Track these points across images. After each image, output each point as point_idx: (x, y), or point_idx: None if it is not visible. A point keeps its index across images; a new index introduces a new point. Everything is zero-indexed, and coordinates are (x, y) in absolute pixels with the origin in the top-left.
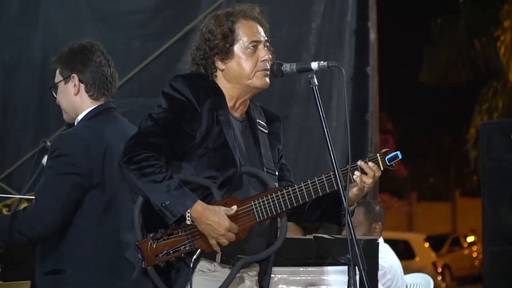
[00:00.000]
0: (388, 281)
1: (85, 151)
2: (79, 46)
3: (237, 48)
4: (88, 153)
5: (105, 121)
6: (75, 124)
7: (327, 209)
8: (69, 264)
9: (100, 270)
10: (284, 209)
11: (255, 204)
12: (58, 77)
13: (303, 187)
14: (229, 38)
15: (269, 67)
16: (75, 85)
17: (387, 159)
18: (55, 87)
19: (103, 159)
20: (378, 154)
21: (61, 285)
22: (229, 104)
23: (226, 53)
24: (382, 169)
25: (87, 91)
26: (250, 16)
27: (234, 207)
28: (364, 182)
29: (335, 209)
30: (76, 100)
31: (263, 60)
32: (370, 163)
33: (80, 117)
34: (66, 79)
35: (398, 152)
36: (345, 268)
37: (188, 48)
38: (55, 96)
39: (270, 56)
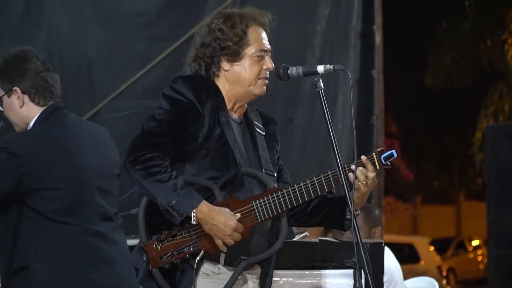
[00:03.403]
0: (384, 283)
1: (32, 154)
2: (13, 55)
3: (246, 53)
4: (35, 156)
5: (56, 122)
6: None
7: (329, 213)
8: (37, 259)
9: (72, 263)
10: (284, 209)
11: (256, 205)
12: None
13: (303, 187)
14: (242, 42)
15: (268, 76)
16: (18, 97)
17: (383, 157)
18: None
19: (55, 163)
20: (373, 153)
21: (33, 280)
22: (228, 106)
23: (236, 55)
24: (378, 168)
25: (32, 100)
26: (261, 22)
27: (238, 215)
28: (359, 182)
29: (338, 213)
30: (23, 111)
31: (266, 69)
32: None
33: (31, 124)
34: (9, 93)
35: (394, 151)
36: (351, 271)
37: None
38: (1, 109)
39: (273, 66)
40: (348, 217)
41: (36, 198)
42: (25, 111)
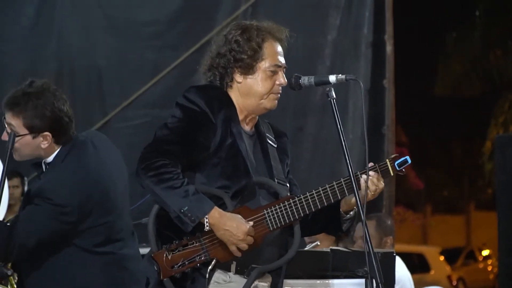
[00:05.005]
0: None
1: (77, 200)
2: (43, 98)
3: (259, 67)
4: (79, 201)
5: (82, 154)
6: (44, 162)
7: (326, 218)
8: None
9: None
10: (296, 217)
11: (267, 213)
12: (20, 128)
13: (315, 195)
14: (256, 56)
15: (281, 91)
16: (46, 141)
17: (397, 164)
18: (16, 135)
19: (95, 200)
20: (387, 160)
21: None
22: (240, 117)
23: (249, 69)
24: (392, 174)
25: (56, 142)
26: (278, 37)
27: (251, 223)
28: (369, 189)
29: (334, 216)
30: (45, 151)
31: (279, 84)
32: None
33: (49, 159)
34: (35, 134)
35: (407, 157)
36: (362, 281)
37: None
38: (11, 141)
39: (286, 82)
40: (344, 218)
41: (79, 236)
42: (48, 150)
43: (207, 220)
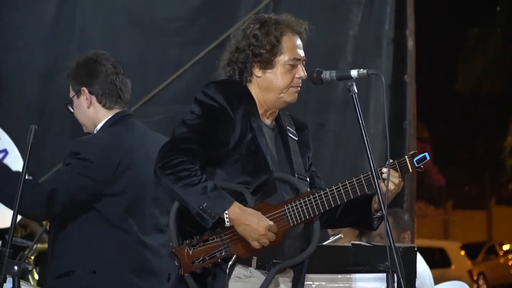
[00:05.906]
0: None
1: (105, 160)
2: (85, 59)
3: (278, 61)
4: (107, 161)
5: (125, 129)
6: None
7: (357, 214)
8: (90, 264)
9: (122, 269)
10: (317, 213)
11: (288, 209)
12: (71, 93)
13: (335, 191)
14: (275, 50)
15: (301, 84)
16: (86, 98)
17: (416, 160)
18: (70, 102)
19: (123, 168)
20: (406, 156)
21: (79, 285)
22: (260, 111)
23: (268, 63)
24: (410, 171)
25: (99, 102)
26: (296, 30)
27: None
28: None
29: (365, 213)
30: (90, 112)
31: (298, 78)
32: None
33: (98, 127)
34: (78, 93)
35: (426, 154)
36: (384, 275)
37: None
38: (72, 111)
39: (306, 75)
40: (375, 216)
41: (103, 202)
42: (92, 112)
43: (227, 215)
